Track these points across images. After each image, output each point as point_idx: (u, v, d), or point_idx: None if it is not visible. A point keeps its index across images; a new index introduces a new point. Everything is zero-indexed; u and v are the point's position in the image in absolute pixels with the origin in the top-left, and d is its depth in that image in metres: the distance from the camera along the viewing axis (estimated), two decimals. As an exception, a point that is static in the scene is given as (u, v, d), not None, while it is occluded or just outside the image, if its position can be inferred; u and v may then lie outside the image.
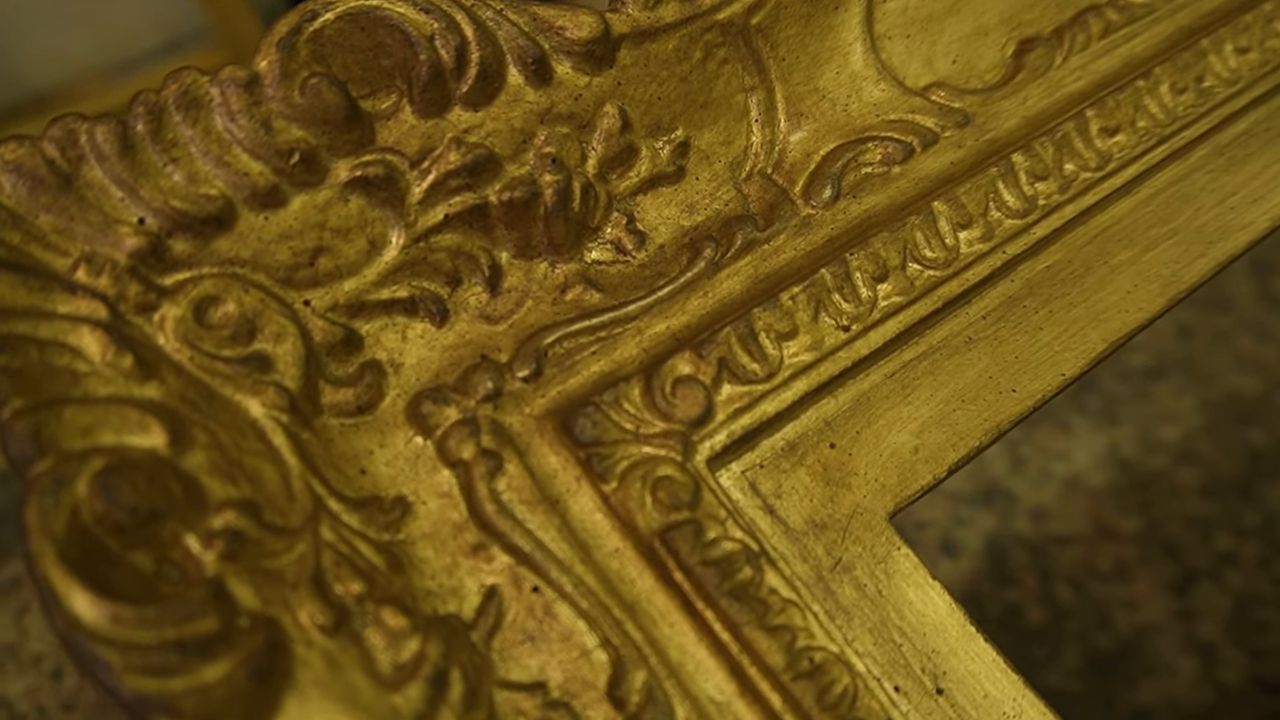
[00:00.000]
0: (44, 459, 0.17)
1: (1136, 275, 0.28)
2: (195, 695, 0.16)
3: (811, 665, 0.21)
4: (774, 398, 0.25)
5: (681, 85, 0.27)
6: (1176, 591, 0.89)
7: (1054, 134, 0.28)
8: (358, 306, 0.24)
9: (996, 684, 0.23)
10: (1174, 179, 0.30)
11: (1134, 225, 0.29)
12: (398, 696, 0.19)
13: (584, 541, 0.22)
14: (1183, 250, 0.29)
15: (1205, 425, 1.02)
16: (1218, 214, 0.30)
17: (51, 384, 0.19)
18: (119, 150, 0.21)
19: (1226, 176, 0.31)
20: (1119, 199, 0.29)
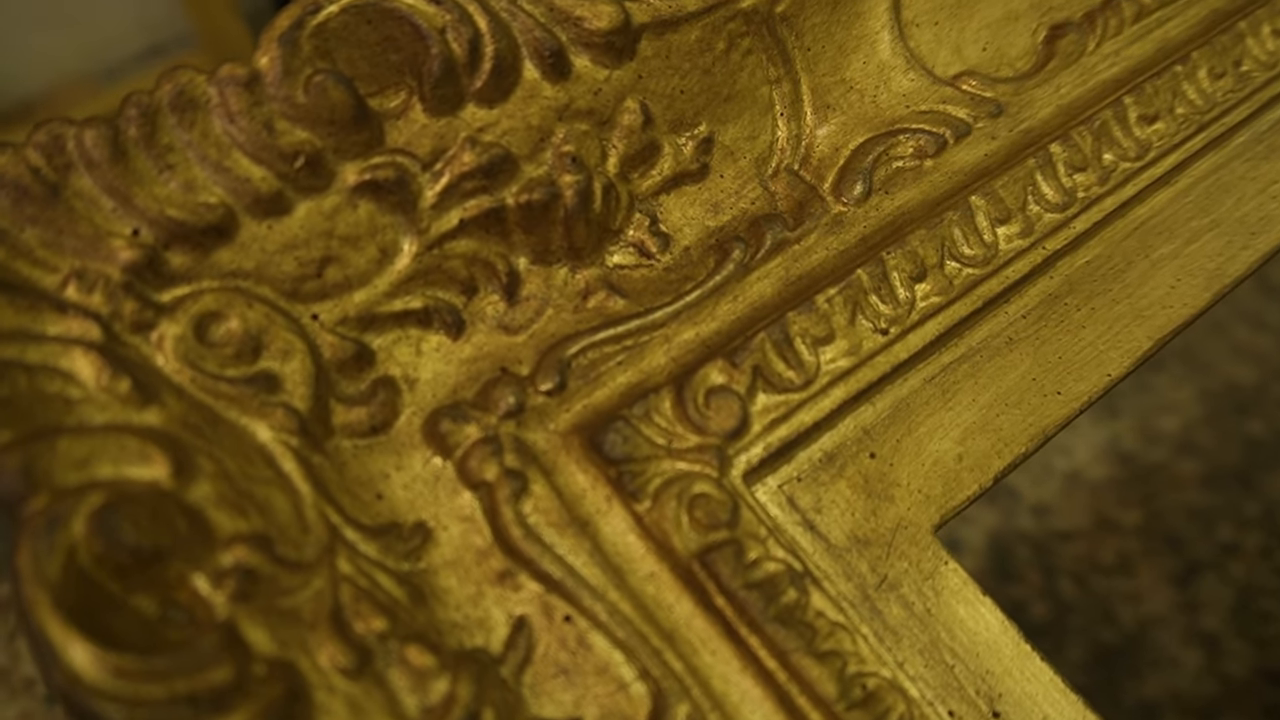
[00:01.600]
0: (37, 496, 0.16)
1: (1179, 269, 0.27)
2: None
3: (864, 693, 0.20)
4: (812, 406, 0.23)
5: (705, 78, 0.25)
6: (1179, 583, 0.88)
7: (1092, 123, 0.27)
8: (369, 319, 0.22)
9: (1055, 706, 0.21)
10: (1213, 168, 0.28)
11: (1174, 217, 0.28)
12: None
13: (617, 566, 0.21)
14: (1225, 242, 0.27)
15: (1204, 416, 1.01)
16: (1259, 203, 0.28)
17: (43, 413, 0.17)
18: (110, 156, 0.19)
19: (1266, 164, 0.29)
20: (1158, 190, 0.28)
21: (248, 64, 0.20)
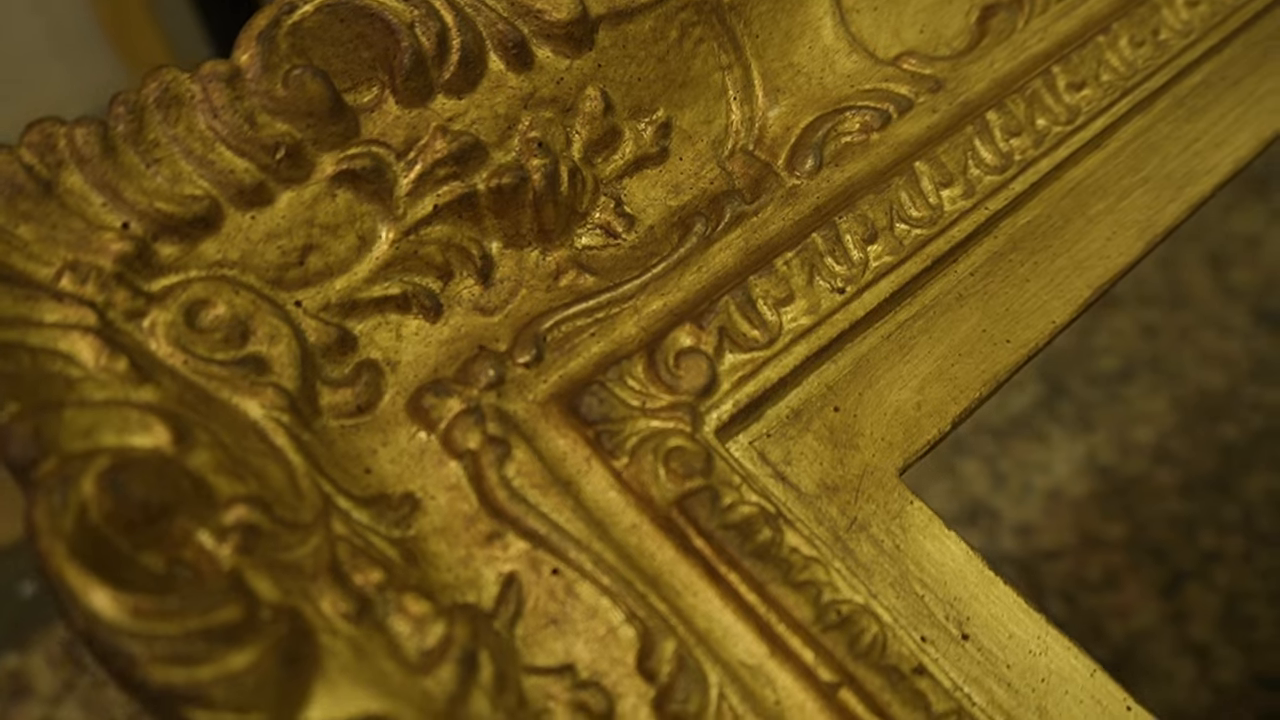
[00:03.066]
0: (47, 460, 0.16)
1: (1114, 223, 0.28)
2: (225, 684, 0.15)
3: (839, 617, 0.20)
4: (776, 363, 0.24)
5: (660, 65, 0.26)
6: (1166, 594, 0.88)
7: (1024, 91, 0.28)
8: (350, 305, 0.23)
9: (1019, 624, 0.22)
10: (1140, 130, 0.30)
11: (1106, 176, 0.29)
12: (429, 680, 0.18)
13: (600, 520, 0.21)
14: (1155, 196, 0.29)
15: (1178, 424, 1.01)
16: (1184, 160, 0.29)
17: (47, 389, 0.18)
18: (100, 153, 0.20)
19: (1188, 125, 0.30)
20: (1090, 152, 0.29)
21: (228, 61, 0.21)
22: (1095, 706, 0.21)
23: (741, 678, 0.20)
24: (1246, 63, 0.32)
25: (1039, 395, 1.03)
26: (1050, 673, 0.21)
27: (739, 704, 0.19)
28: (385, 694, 0.17)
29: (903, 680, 0.20)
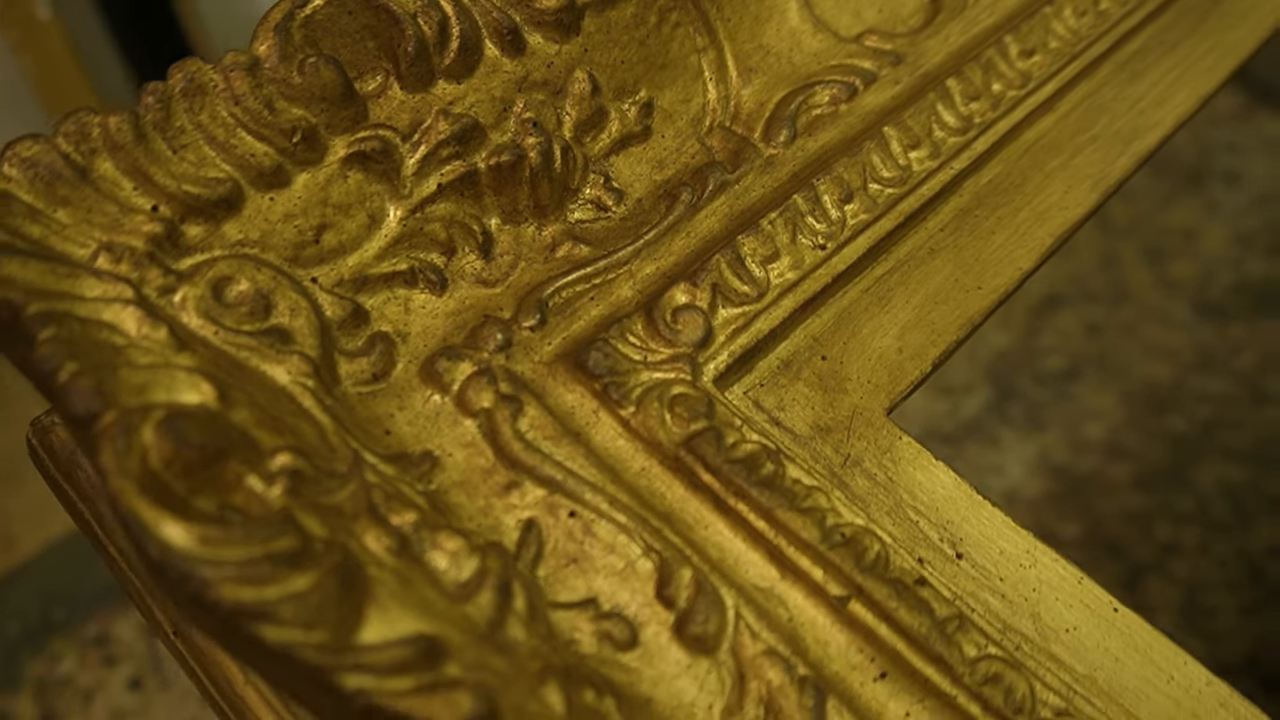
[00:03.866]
0: (108, 412, 0.17)
1: (1069, 178, 0.30)
2: (292, 602, 0.16)
3: (844, 538, 0.22)
4: (766, 315, 0.25)
5: (641, 49, 0.28)
6: (1126, 589, 0.89)
7: (980, 59, 0.30)
8: (361, 281, 0.24)
9: (1009, 541, 0.24)
10: (1087, 93, 0.32)
11: (1059, 136, 0.31)
12: (469, 606, 0.19)
13: (611, 465, 0.23)
14: (1105, 152, 0.30)
15: (1127, 418, 1.03)
16: (1130, 118, 0.31)
17: (97, 354, 0.19)
18: (131, 140, 0.21)
19: (1131, 87, 0.32)
20: (1043, 114, 0.31)
21: (247, 52, 0.22)
22: (1084, 610, 0.23)
23: (756, 600, 0.21)
24: (1182, 28, 0.34)
25: (989, 399, 1.05)
26: (1040, 583, 0.23)
27: (755, 622, 0.21)
28: (432, 618, 0.18)
29: (907, 590, 0.21)
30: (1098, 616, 0.23)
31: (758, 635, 0.21)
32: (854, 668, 0.21)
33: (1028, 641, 0.22)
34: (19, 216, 0.20)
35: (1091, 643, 0.22)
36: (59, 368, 0.18)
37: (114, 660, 0.84)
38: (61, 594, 0.88)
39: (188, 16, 1.05)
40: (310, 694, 0.17)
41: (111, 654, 0.84)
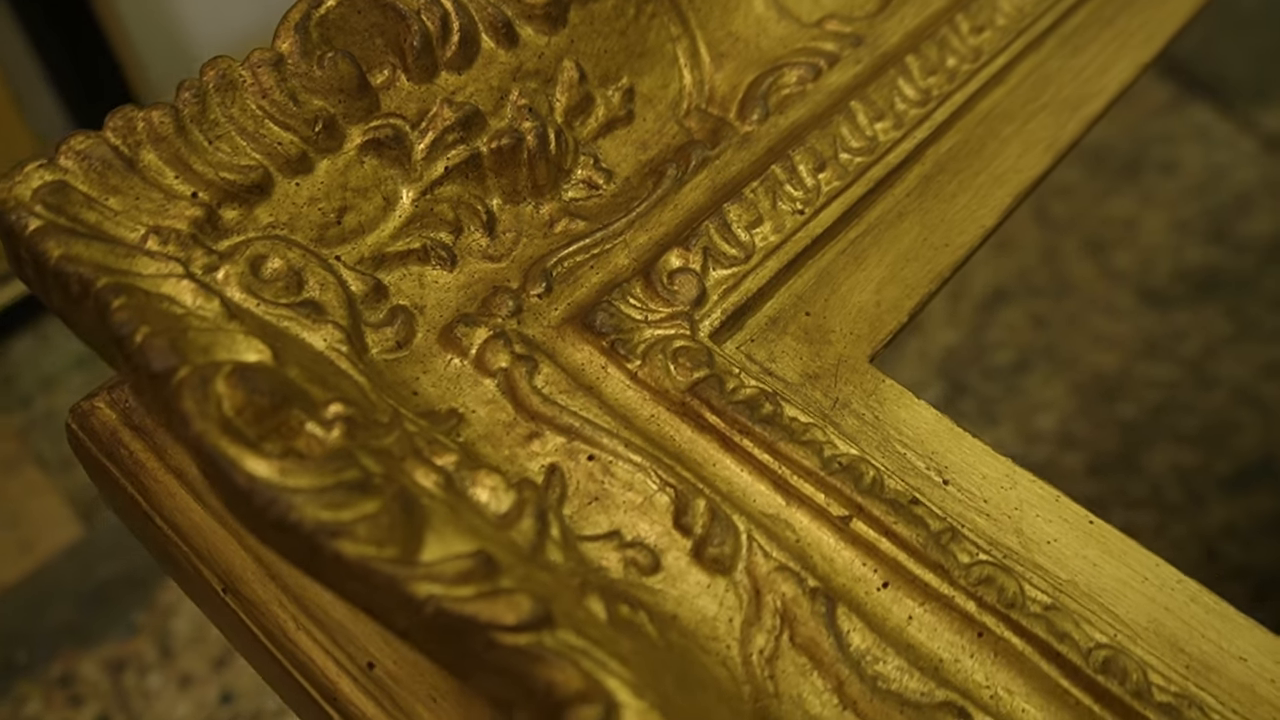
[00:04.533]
0: (184, 366, 0.20)
1: (1023, 143, 0.34)
2: (364, 522, 0.19)
3: (841, 465, 0.25)
4: (754, 275, 0.29)
5: (621, 39, 0.31)
6: None
7: (935, 37, 0.34)
8: (380, 258, 0.27)
9: (990, 466, 0.27)
10: (1035, 65, 0.36)
11: (1011, 105, 0.34)
12: (513, 532, 0.22)
13: (623, 413, 0.26)
14: (1055, 118, 0.34)
15: (1077, 407, 1.08)
16: (1076, 86, 0.35)
17: (163, 320, 0.22)
18: (173, 133, 0.24)
19: (1074, 59, 0.36)
20: (995, 86, 0.34)
21: (271, 49, 0.25)
22: (1063, 524, 0.26)
23: (765, 524, 0.24)
24: (1118, 3, 0.38)
25: (940, 394, 1.10)
26: (1021, 502, 0.26)
27: (766, 543, 0.24)
28: (483, 540, 0.21)
29: (902, 508, 0.25)
30: (1075, 529, 0.26)
31: (769, 555, 0.24)
32: (858, 580, 0.24)
33: (1013, 553, 0.25)
34: (77, 204, 0.23)
35: (1071, 552, 0.26)
36: (135, 330, 0.21)
37: (80, 700, 0.86)
38: (22, 636, 0.90)
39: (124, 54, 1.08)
40: (383, 605, 0.20)
41: (77, 693, 0.86)
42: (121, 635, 0.91)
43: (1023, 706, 0.23)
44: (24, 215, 0.22)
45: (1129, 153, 1.38)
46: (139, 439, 0.26)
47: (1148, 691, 0.23)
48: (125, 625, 0.91)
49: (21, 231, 0.22)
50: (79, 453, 0.27)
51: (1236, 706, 0.23)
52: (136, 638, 0.90)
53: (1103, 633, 0.24)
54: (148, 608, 0.92)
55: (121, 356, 0.21)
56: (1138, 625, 0.24)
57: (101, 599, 0.93)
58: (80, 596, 0.93)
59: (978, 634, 0.23)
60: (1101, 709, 0.22)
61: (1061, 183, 1.36)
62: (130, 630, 0.91)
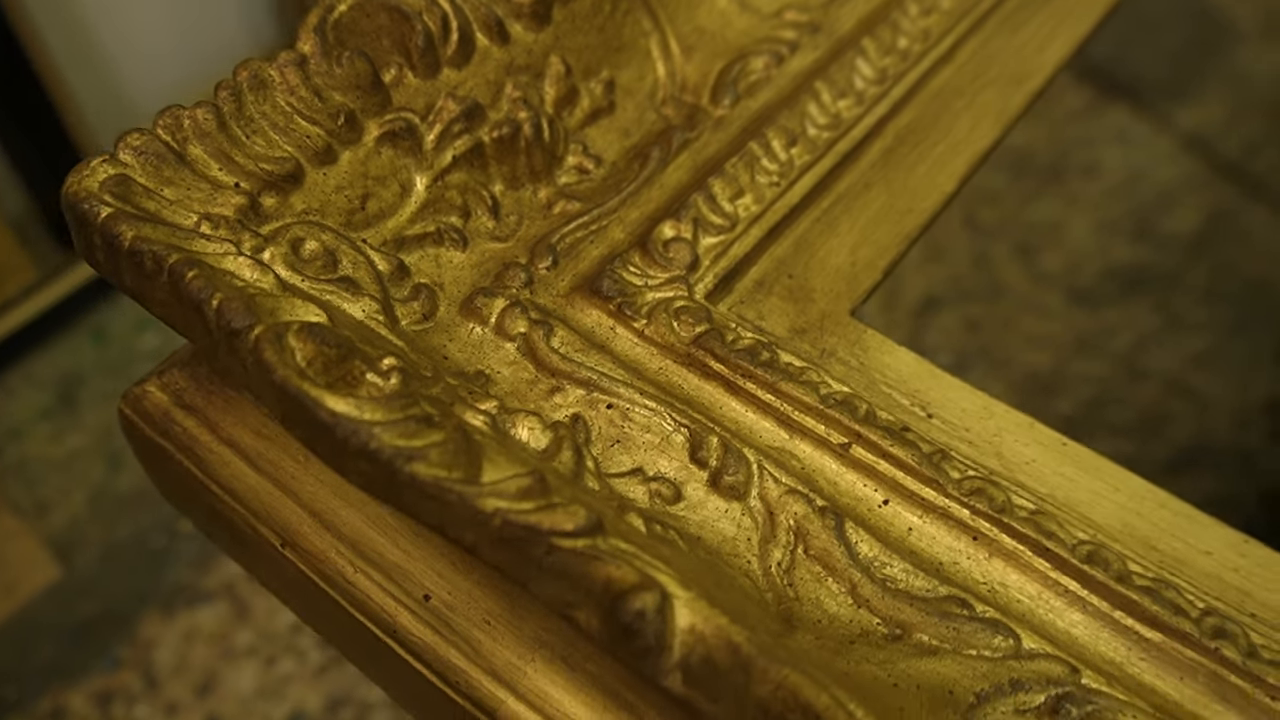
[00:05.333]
0: (259, 324, 0.24)
1: (974, 116, 0.39)
2: (435, 448, 0.23)
3: (837, 400, 0.30)
4: (740, 242, 0.33)
5: (600, 35, 0.36)
6: None
7: (887, 21, 0.39)
8: (400, 241, 0.31)
9: (968, 400, 0.32)
10: (979, 45, 0.41)
11: (960, 82, 0.40)
12: (554, 462, 0.26)
13: (634, 367, 0.30)
14: (1001, 92, 0.40)
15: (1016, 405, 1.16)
16: (1018, 62, 0.41)
17: (230, 289, 0.26)
18: (215, 128, 0.28)
19: (1015, 37, 0.42)
20: (944, 65, 0.40)
21: (294, 50, 0.29)
22: (1039, 446, 0.31)
23: (772, 455, 0.29)
24: (1049, -14, 0.44)
25: None
26: (999, 429, 0.31)
27: (775, 471, 0.28)
28: (531, 464, 0.25)
29: (896, 434, 0.29)
30: (1050, 450, 0.31)
31: (779, 481, 0.28)
32: (861, 499, 0.29)
33: (996, 473, 0.30)
34: (138, 194, 0.27)
35: (1048, 470, 0.30)
36: (211, 295, 0.25)
37: (70, 733, 0.91)
38: (10, 674, 0.96)
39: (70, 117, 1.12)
40: (454, 522, 0.24)
41: (67, 728, 0.91)
42: (106, 669, 0.96)
43: (1017, 597, 0.27)
44: (96, 204, 0.26)
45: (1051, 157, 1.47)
46: (191, 416, 0.30)
47: (1129, 577, 0.27)
48: (109, 659, 0.97)
49: (95, 219, 0.26)
50: (131, 437, 0.31)
51: (1206, 590, 0.28)
52: (121, 671, 0.96)
53: (1084, 533, 0.28)
54: (129, 642, 0.98)
55: (199, 321, 0.25)
56: (1113, 529, 0.29)
57: (84, 635, 0.99)
58: (63, 634, 0.99)
59: (973, 538, 0.28)
60: (1088, 593, 0.27)
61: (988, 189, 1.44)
62: (114, 664, 0.96)
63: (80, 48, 1.14)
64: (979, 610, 0.26)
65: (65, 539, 1.06)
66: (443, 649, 0.27)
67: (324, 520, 0.28)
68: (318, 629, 0.31)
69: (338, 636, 0.30)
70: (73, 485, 1.10)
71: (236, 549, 0.31)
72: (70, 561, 1.04)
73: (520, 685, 0.26)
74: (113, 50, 1.18)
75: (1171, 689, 0.26)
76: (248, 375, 0.25)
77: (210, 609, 1.01)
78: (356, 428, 0.23)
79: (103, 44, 1.17)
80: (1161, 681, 0.26)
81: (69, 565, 1.04)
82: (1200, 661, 0.26)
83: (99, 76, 1.17)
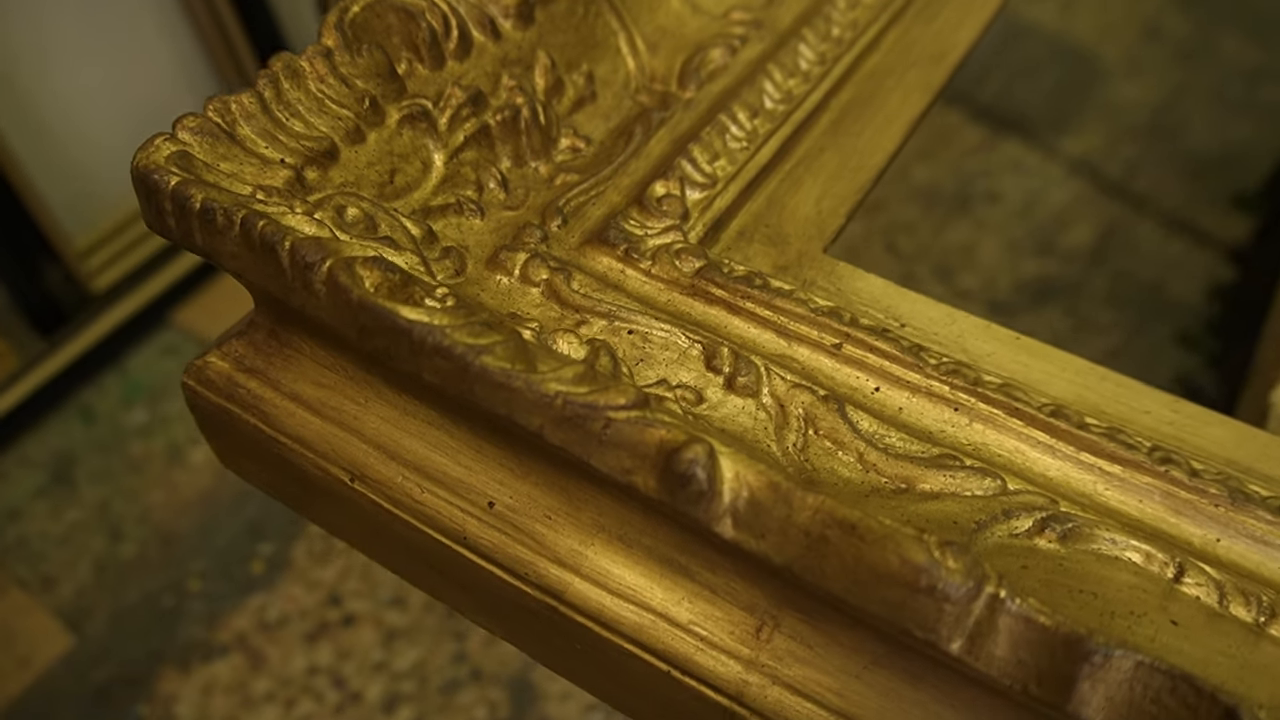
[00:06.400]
0: (330, 257, 0.26)
1: (904, 91, 0.42)
2: (500, 345, 0.25)
3: (825, 311, 0.32)
4: (722, 196, 0.36)
5: (576, 33, 0.39)
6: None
7: (821, 14, 0.43)
8: (426, 211, 0.33)
9: (934, 310, 0.34)
10: (900, 33, 0.45)
11: (888, 64, 0.43)
12: (597, 366, 0.28)
13: (645, 300, 0.33)
14: (924, 71, 0.43)
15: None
16: (934, 43, 0.44)
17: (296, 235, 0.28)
18: (259, 111, 0.30)
19: (930, 25, 0.46)
20: (873, 51, 0.43)
21: (319, 44, 0.32)
22: (996, 342, 0.34)
23: (776, 360, 0.31)
24: (952, -16, 0.48)
25: None
26: (962, 331, 0.34)
27: (780, 371, 0.31)
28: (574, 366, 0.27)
29: (879, 333, 0.32)
30: (1006, 344, 0.34)
31: (785, 378, 0.31)
32: (856, 389, 0.31)
33: (964, 362, 0.33)
34: (199, 168, 0.29)
35: (1007, 359, 0.33)
36: (284, 238, 0.26)
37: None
38: None
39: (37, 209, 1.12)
40: (521, 407, 0.25)
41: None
42: (131, 728, 0.94)
43: (997, 452, 0.30)
44: (165, 174, 0.28)
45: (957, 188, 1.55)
46: (253, 378, 0.31)
47: (1087, 428, 0.30)
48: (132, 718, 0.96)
49: (165, 187, 0.28)
50: (195, 405, 0.32)
51: (1149, 436, 0.31)
52: (146, 728, 0.93)
53: (1045, 399, 0.31)
54: (149, 700, 0.97)
55: (272, 264, 0.27)
56: (1067, 399, 0.32)
57: (104, 698, 0.98)
58: (84, 700, 0.98)
59: (954, 409, 0.30)
60: (1056, 441, 0.30)
61: (904, 221, 1.51)
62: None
63: (39, 141, 1.15)
64: (968, 463, 0.29)
65: (74, 609, 1.05)
66: (510, 547, 0.29)
67: (389, 451, 0.30)
68: (386, 560, 0.32)
69: (407, 562, 0.31)
70: (76, 558, 1.08)
71: (304, 497, 0.32)
72: (81, 630, 1.03)
73: (583, 567, 0.28)
74: (65, 137, 1.19)
75: (1134, 510, 0.28)
76: (320, 305, 0.27)
77: (225, 661, 1.00)
78: (431, 329, 0.25)
79: (54, 129, 1.18)
80: (1125, 505, 0.28)
81: (80, 634, 1.03)
82: (1155, 484, 0.28)
83: (55, 161, 1.18)
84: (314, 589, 1.09)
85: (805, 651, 0.26)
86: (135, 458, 1.18)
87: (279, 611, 1.07)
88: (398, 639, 1.07)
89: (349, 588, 1.10)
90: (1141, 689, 0.22)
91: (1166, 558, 0.27)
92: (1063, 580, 0.26)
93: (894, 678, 0.26)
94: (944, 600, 0.22)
